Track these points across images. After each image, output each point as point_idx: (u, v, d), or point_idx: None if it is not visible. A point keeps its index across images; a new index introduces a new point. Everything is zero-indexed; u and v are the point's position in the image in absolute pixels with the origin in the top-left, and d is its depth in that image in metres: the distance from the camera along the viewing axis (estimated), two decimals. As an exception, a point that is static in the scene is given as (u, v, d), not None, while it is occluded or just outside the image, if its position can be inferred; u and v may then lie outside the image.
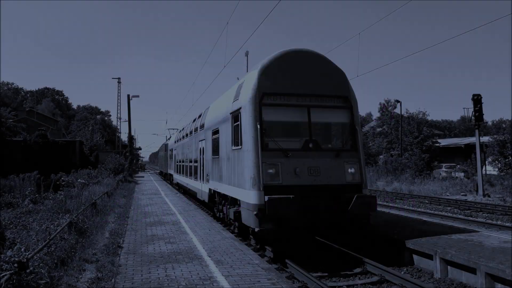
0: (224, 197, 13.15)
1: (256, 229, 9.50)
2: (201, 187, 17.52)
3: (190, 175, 21.42)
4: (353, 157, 10.63)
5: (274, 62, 10.59)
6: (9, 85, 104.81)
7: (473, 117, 25.40)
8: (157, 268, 8.10)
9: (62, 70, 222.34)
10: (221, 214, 14.14)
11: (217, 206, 14.70)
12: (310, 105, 10.58)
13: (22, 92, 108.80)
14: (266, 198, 9.22)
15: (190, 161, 21.40)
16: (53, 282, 6.65)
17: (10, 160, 35.69)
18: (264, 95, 10.22)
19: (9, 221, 12.71)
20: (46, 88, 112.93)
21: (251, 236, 11.24)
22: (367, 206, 9.83)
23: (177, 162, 29.19)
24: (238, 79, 13.47)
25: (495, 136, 38.86)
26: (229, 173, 11.81)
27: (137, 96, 50.43)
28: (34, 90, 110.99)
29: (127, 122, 49.50)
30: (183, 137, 25.42)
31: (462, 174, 38.91)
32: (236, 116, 11.08)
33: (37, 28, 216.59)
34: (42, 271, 6.52)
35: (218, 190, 13.68)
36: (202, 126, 17.42)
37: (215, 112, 14.58)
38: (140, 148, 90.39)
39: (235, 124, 11.21)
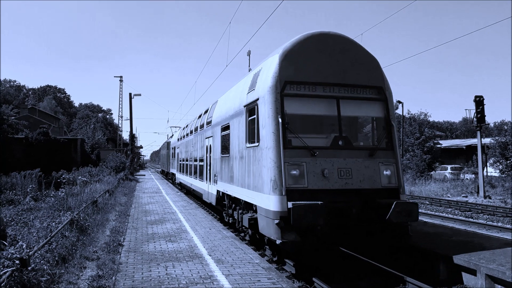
0: (235, 200, 11.93)
1: (278, 241, 8.08)
2: (208, 189, 16.23)
3: (195, 175, 20.11)
4: (389, 157, 9.26)
5: (297, 45, 9.12)
6: (11, 83, 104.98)
7: (475, 119, 25.38)
8: (158, 267, 8.12)
9: (65, 68, 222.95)
10: (230, 219, 13.00)
11: (226, 210, 13.48)
12: (339, 96, 9.18)
13: (24, 90, 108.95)
14: (290, 204, 7.93)
15: (195, 160, 20.06)
16: (54, 279, 6.68)
17: (12, 158, 35.77)
18: (286, 84, 8.82)
19: (11, 218, 12.77)
20: (48, 85, 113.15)
21: (266, 247, 10.28)
22: (407, 214, 8.36)
23: (180, 160, 27.91)
24: (250, 70, 12.21)
25: (497, 137, 38.80)
26: (242, 173, 10.49)
27: (139, 95, 50.62)
28: (36, 87, 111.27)
29: (129, 121, 49.60)
30: (187, 134, 24.08)
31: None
32: (251, 109, 9.81)
33: (39, 26, 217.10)
34: (44, 267, 6.56)
35: (228, 193, 12.35)
36: (209, 123, 16.02)
37: (225, 106, 13.13)
38: (141, 147, 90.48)
39: (250, 118, 9.94)
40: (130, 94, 48.60)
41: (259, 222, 9.19)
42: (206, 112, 17.95)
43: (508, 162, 36.05)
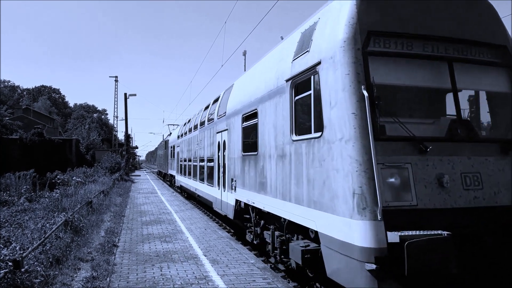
0: (269, 217, 8.75)
1: None
2: (221, 196, 13.04)
3: (201, 178, 17.03)
4: None
5: None
6: (6, 83, 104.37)
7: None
8: (153, 267, 8.10)
9: (59, 68, 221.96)
10: (257, 239, 9.92)
11: (251, 227, 10.28)
12: (452, 58, 5.94)
13: (19, 90, 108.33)
14: (393, 237, 4.76)
15: (201, 160, 16.98)
16: (48, 281, 6.64)
17: (6, 158, 35.58)
18: (371, 36, 5.57)
19: (4, 220, 12.68)
20: (42, 86, 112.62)
21: None
22: None
23: (181, 161, 24.78)
24: (282, 38, 8.89)
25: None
26: (284, 179, 7.32)
27: (134, 95, 50.46)
28: (31, 88, 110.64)
29: (124, 121, 49.44)
30: (190, 130, 20.88)
31: None
32: (303, 82, 6.68)
33: (34, 25, 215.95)
34: (38, 269, 6.52)
35: (255, 205, 9.21)
36: (222, 114, 13.03)
37: (248, 88, 10.12)
38: (136, 147, 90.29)
39: (299, 96, 6.88)
40: (125, 94, 48.42)
41: (325, 261, 5.92)
42: (216, 101, 14.82)
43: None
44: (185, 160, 23.00)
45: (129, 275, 7.55)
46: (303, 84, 6.74)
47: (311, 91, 6.36)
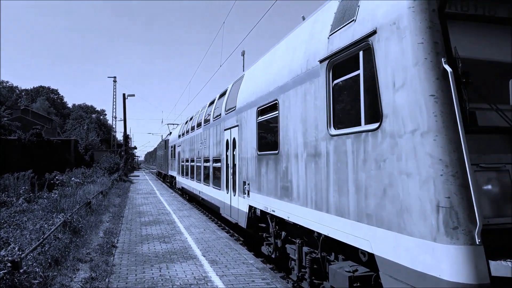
0: (295, 228, 7.42)
1: None
2: (230, 201, 11.79)
3: (206, 180, 15.78)
4: None
5: None
6: (4, 83, 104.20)
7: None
8: (152, 268, 8.09)
9: (58, 68, 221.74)
10: (276, 253, 8.57)
11: (268, 237, 9.02)
12: None
13: (17, 91, 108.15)
14: (506, 269, 3.54)
15: (206, 160, 15.67)
16: (46, 282, 6.63)
17: (4, 159, 35.52)
18: None
19: (3, 220, 12.64)
20: (41, 86, 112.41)
21: None
22: None
23: (183, 161, 23.45)
24: (304, 18, 7.76)
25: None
26: (319, 184, 5.98)
27: (133, 95, 50.49)
28: (29, 88, 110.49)
29: (123, 121, 49.40)
30: (192, 128, 19.66)
31: None
32: (347, 60, 5.31)
33: (32, 26, 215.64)
34: (37, 270, 6.51)
35: (276, 214, 7.82)
36: (230, 108, 11.66)
37: (264, 77, 8.85)
38: (135, 148, 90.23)
39: (340, 80, 5.52)
40: (124, 94, 48.41)
41: None
42: (222, 95, 13.62)
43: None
44: (187, 161, 21.62)
45: (128, 276, 7.54)
46: (346, 63, 5.38)
47: (360, 71, 4.99)
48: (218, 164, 13.38)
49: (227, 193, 12.10)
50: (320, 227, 5.94)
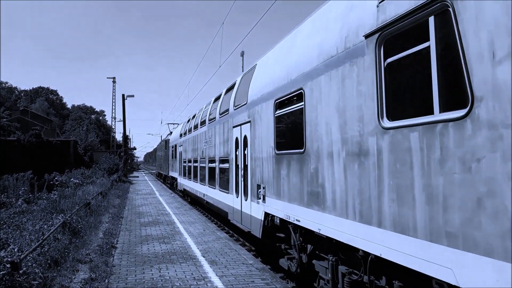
0: (326, 242, 6.14)
1: None
2: (240, 206, 10.52)
3: (211, 182, 14.69)
4: None
5: None
6: (3, 84, 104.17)
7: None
8: (151, 269, 8.09)
9: (57, 69, 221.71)
10: (297, 268, 7.31)
11: (288, 249, 7.87)
12: None
13: (16, 91, 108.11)
14: None
15: (211, 161, 14.61)
16: (46, 283, 6.63)
17: (4, 160, 35.50)
18: None
19: (2, 221, 12.64)
20: (40, 87, 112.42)
21: None
22: None
23: (185, 162, 22.43)
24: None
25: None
26: (366, 191, 4.83)
27: (132, 96, 50.39)
28: (28, 89, 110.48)
29: (122, 122, 49.36)
30: (196, 126, 18.53)
31: None
32: (407, 31, 4.26)
33: (32, 26, 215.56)
34: (36, 270, 6.51)
35: (302, 224, 6.61)
36: (241, 103, 10.56)
37: (284, 63, 7.70)
38: (134, 148, 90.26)
39: (395, 57, 4.45)
40: (123, 95, 48.36)
41: None
42: (230, 89, 12.57)
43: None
44: (189, 161, 20.55)
45: (128, 277, 7.54)
46: (405, 36, 4.29)
47: (430, 42, 3.87)
48: (226, 165, 12.34)
49: (237, 197, 10.90)
50: (368, 244, 4.72)
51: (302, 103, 6.60)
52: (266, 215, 8.42)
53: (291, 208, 7.01)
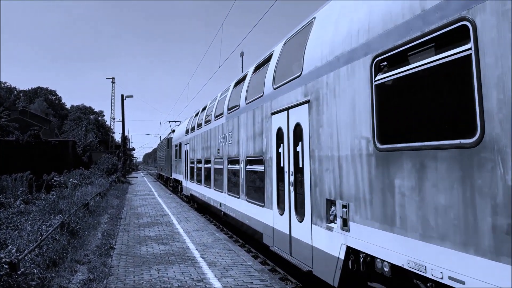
0: None
1: None
2: (289, 229, 7.37)
3: (233, 190, 11.57)
4: None
5: None
6: (2, 84, 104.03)
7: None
8: (150, 270, 8.07)
9: (56, 69, 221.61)
10: None
11: None
12: None
13: (15, 92, 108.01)
14: None
15: (233, 161, 11.62)
16: (44, 283, 6.61)
17: (2, 160, 35.44)
18: None
19: (1, 222, 12.61)
20: (39, 87, 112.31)
21: None
22: None
23: (193, 163, 19.09)
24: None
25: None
26: None
27: (131, 96, 50.28)
28: (27, 89, 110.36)
29: (121, 122, 49.31)
30: (208, 120, 15.62)
31: None
32: None
33: (31, 27, 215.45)
34: (35, 271, 6.49)
35: (464, 286, 3.50)
36: (285, 79, 7.65)
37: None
38: (133, 149, 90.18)
39: None
40: (122, 95, 48.26)
41: None
42: (261, 66, 9.89)
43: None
44: (199, 162, 17.28)
45: (126, 278, 7.52)
46: None
47: None
48: (258, 167, 9.28)
49: (281, 214, 7.75)
50: None
51: (469, 45, 3.56)
52: (349, 251, 5.42)
53: (429, 252, 3.96)
